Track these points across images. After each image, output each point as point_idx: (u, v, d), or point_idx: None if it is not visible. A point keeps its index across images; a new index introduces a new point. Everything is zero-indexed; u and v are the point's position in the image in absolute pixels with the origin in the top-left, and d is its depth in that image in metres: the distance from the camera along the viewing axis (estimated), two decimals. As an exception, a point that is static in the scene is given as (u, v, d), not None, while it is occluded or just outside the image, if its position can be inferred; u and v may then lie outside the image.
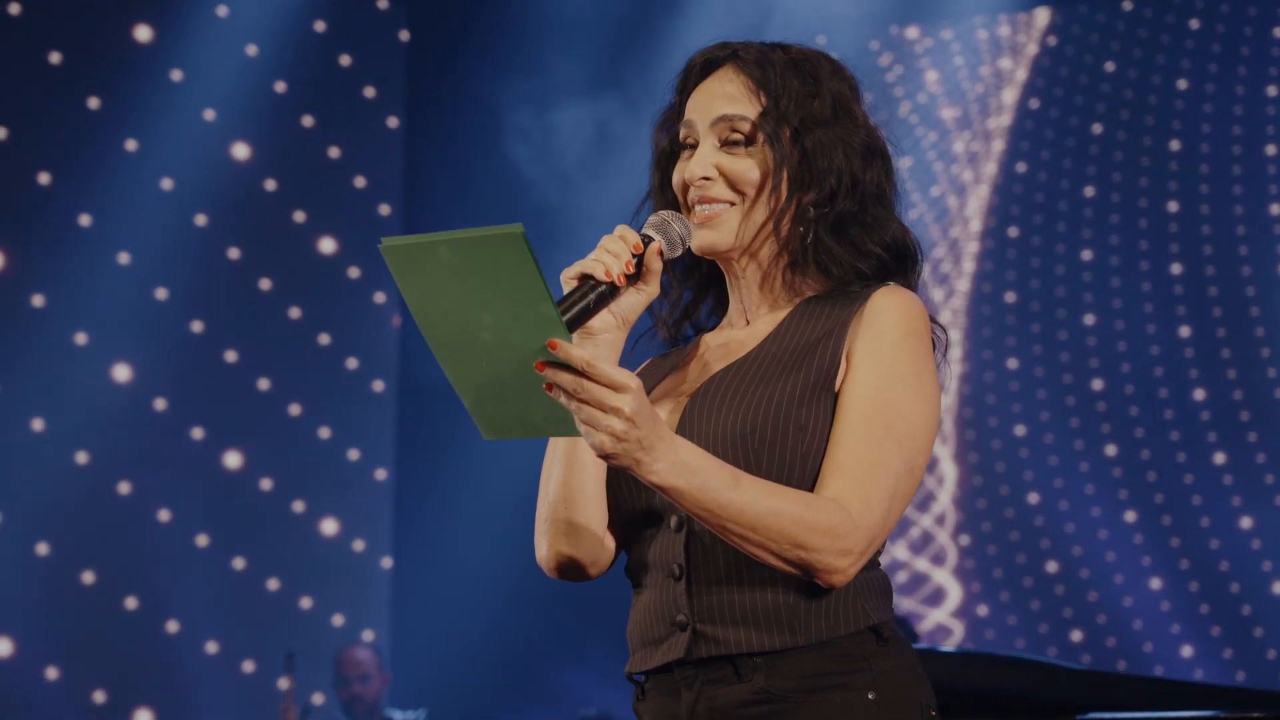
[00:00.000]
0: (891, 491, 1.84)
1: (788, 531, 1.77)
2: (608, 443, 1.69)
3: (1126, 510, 7.38)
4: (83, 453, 7.00)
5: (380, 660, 6.73)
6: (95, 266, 7.07)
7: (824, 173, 1.98)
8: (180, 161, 7.27)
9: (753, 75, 2.00)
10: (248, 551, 7.38)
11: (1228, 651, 7.15)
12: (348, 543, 7.67)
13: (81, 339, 7.04)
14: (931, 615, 7.50)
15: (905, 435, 1.86)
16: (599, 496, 1.97)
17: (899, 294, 1.95)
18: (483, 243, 1.63)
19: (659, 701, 1.93)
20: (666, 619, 1.91)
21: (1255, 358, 7.30)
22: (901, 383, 1.88)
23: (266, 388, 7.56)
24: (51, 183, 7.04)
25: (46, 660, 6.84)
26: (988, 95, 7.81)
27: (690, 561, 1.90)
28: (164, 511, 7.19)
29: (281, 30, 7.62)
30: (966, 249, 7.74)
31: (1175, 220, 7.50)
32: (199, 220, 7.39)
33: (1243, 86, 7.45)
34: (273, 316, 7.61)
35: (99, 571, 7.01)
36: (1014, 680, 3.67)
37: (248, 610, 7.33)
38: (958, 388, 7.69)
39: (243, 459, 7.42)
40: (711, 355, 2.05)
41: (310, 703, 6.65)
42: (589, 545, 1.97)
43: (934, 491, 7.60)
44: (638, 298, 1.93)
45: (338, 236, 7.79)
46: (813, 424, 1.88)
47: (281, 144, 7.62)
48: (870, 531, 1.82)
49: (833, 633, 1.86)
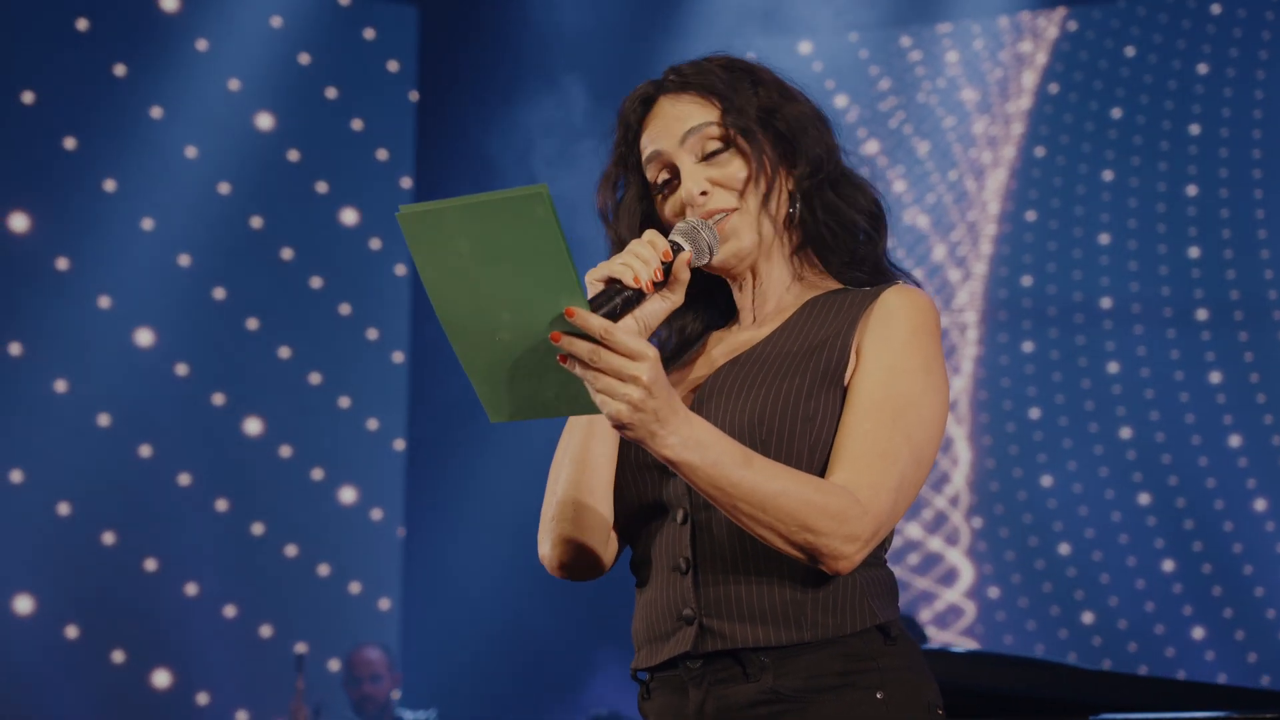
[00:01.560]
0: (899, 481, 1.84)
1: (797, 513, 1.77)
2: (624, 411, 1.68)
3: (1140, 492, 7.40)
4: (105, 415, 7.08)
5: (391, 660, 6.73)
6: (120, 232, 7.12)
7: (806, 145, 2.01)
8: (204, 130, 7.33)
9: (696, 87, 2.02)
10: (266, 517, 7.42)
11: (1239, 633, 7.17)
12: (365, 511, 7.70)
13: (105, 303, 7.11)
14: (945, 595, 7.53)
15: (914, 427, 1.87)
16: (606, 498, 1.97)
17: (910, 292, 1.96)
18: (505, 205, 1.60)
19: (666, 700, 1.93)
20: (673, 613, 1.90)
21: (1272, 340, 7.31)
22: (910, 376, 1.89)
23: (287, 356, 7.59)
24: (77, 148, 7.09)
25: (66, 619, 6.92)
26: (1008, 80, 7.83)
27: (697, 555, 1.90)
28: (184, 475, 7.26)
29: (306, 2, 7.70)
30: (984, 231, 7.76)
31: (1193, 204, 7.51)
32: (222, 189, 7.43)
33: (1264, 71, 7.46)
34: (294, 285, 7.65)
35: (119, 533, 7.08)
36: (1024, 681, 3.63)
37: (265, 575, 7.37)
38: (973, 370, 7.71)
39: (263, 426, 7.48)
40: (719, 351, 2.05)
41: (320, 703, 6.56)
42: (594, 546, 1.96)
43: (949, 473, 7.62)
44: (662, 305, 1.91)
45: (359, 207, 7.82)
46: (821, 416, 1.88)
47: (304, 115, 7.67)
48: (877, 519, 1.82)
49: (839, 630, 1.86)
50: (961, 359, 7.70)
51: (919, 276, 7.54)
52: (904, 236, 7.77)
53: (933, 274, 7.78)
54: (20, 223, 7.04)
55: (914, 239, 7.77)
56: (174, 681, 7.11)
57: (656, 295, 1.90)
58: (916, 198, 7.82)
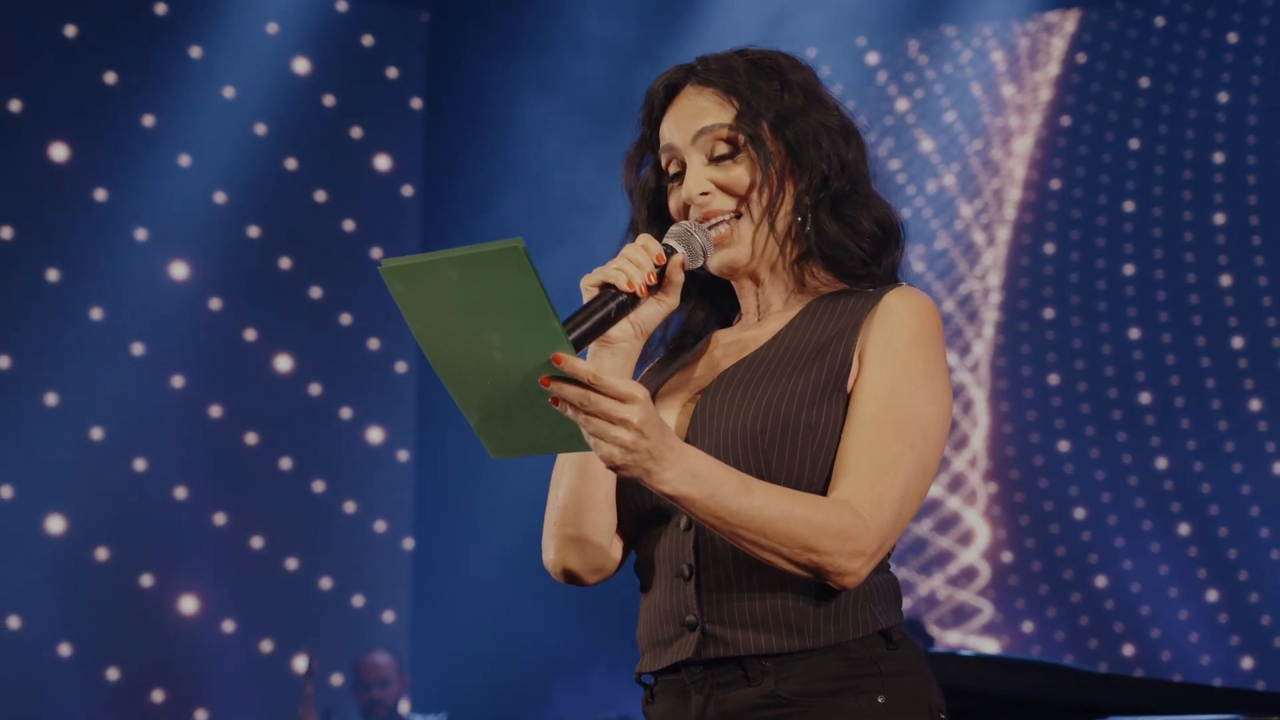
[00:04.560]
0: (903, 493, 1.85)
1: (799, 535, 1.78)
2: (617, 454, 1.69)
3: (1157, 457, 7.42)
4: (98, 429, 6.93)
5: (399, 664, 6.69)
6: (112, 242, 6.99)
7: (813, 160, 1.98)
8: (200, 139, 7.17)
9: (719, 85, 2.00)
10: (266, 531, 7.27)
11: (1254, 595, 7.14)
12: (368, 523, 7.56)
13: (98, 314, 6.98)
14: (962, 555, 7.58)
15: (917, 437, 1.87)
16: (609, 504, 1.97)
17: (911, 295, 1.95)
18: (482, 259, 1.61)
19: (668, 704, 1.94)
20: (676, 619, 1.92)
21: None
22: (913, 384, 1.88)
23: (287, 367, 7.43)
24: (69, 157, 6.98)
25: (59, 637, 6.75)
26: (1036, 48, 7.81)
27: (700, 562, 1.90)
28: (180, 489, 7.10)
29: (302, 8, 7.50)
30: (1009, 196, 7.77)
31: (1220, 171, 7.49)
32: (218, 198, 7.28)
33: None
34: (293, 296, 7.49)
35: (113, 548, 6.92)
36: (1029, 684, 3.66)
37: (267, 589, 7.23)
38: (993, 335, 7.75)
39: (261, 438, 7.32)
40: (722, 352, 2.04)
41: (329, 708, 6.54)
42: (596, 552, 1.97)
43: (968, 434, 7.68)
44: (657, 308, 1.93)
45: (359, 217, 7.63)
46: (823, 425, 1.88)
47: (303, 123, 7.49)
48: (882, 532, 1.83)
49: (841, 636, 1.87)
50: (983, 323, 7.75)
51: (944, 240, 7.67)
52: (933, 200, 7.82)
53: (958, 238, 7.82)
54: (8, 232, 6.92)
55: (943, 201, 7.81)
56: (168, 699, 6.97)
57: (651, 299, 1.91)
58: (945, 160, 7.85)
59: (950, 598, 7.50)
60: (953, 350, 7.68)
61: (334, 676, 7.22)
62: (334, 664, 7.21)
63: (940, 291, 7.74)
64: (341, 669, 7.22)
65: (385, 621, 7.55)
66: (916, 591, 7.57)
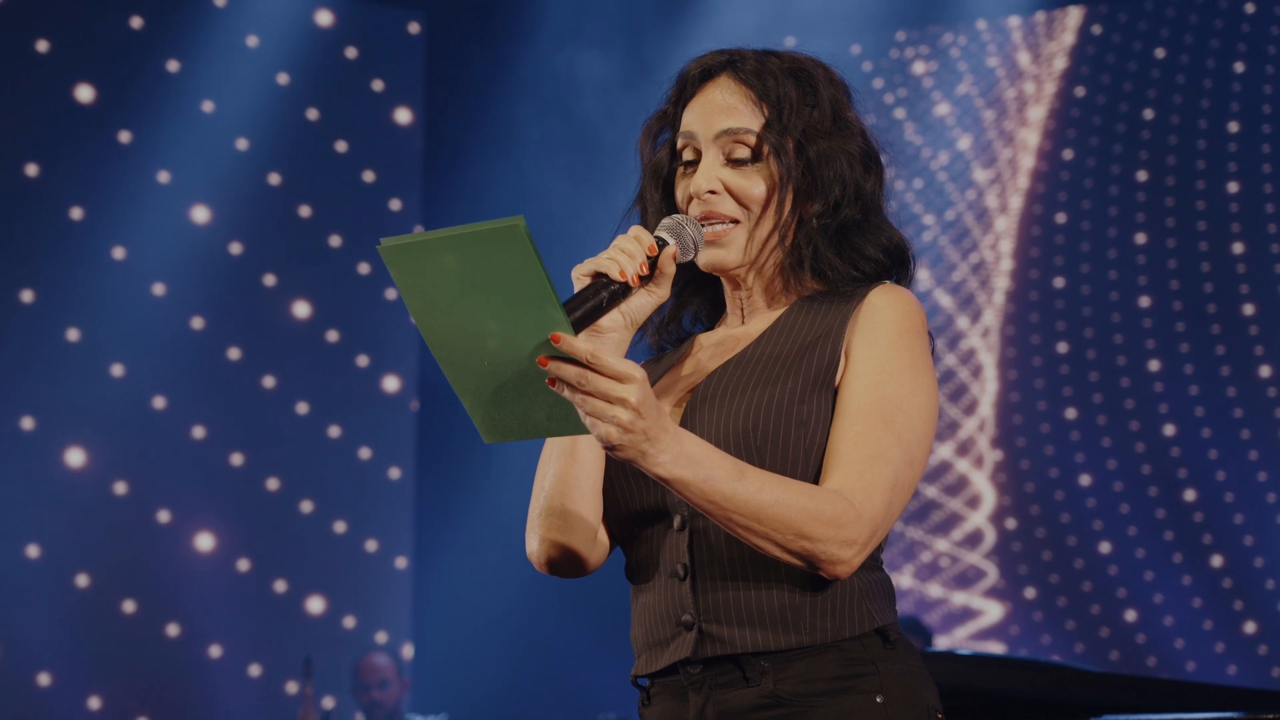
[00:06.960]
0: (893, 483, 1.85)
1: (792, 521, 1.78)
2: (614, 434, 1.69)
3: (1165, 424, 7.38)
4: (78, 451, 6.88)
5: (399, 666, 6.68)
6: (92, 264, 6.95)
7: (828, 183, 1.97)
8: (181, 155, 7.12)
9: (753, 86, 1.99)
10: (255, 553, 7.21)
11: (1258, 559, 7.16)
12: (359, 543, 7.47)
13: (74, 335, 6.93)
14: (970, 518, 7.60)
15: (904, 428, 1.88)
16: (595, 493, 1.96)
17: (895, 292, 1.96)
18: (483, 237, 1.61)
19: (666, 705, 1.93)
20: (672, 619, 1.91)
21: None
22: (899, 378, 1.90)
23: (273, 386, 7.37)
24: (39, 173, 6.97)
25: (39, 665, 6.69)
26: (1052, 18, 7.81)
27: (695, 561, 1.90)
28: (164, 512, 7.05)
29: (283, 21, 7.44)
30: (1022, 164, 7.79)
31: (1235, 140, 7.49)
32: (199, 216, 7.23)
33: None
34: (279, 313, 7.42)
35: (94, 575, 6.87)
36: (1026, 683, 3.66)
37: (255, 613, 7.16)
38: (1003, 303, 7.78)
39: (247, 458, 7.25)
40: (708, 354, 2.04)
41: (324, 708, 6.53)
42: (581, 542, 1.96)
43: (978, 399, 7.74)
44: (648, 299, 1.93)
45: (346, 232, 7.57)
46: (814, 420, 1.89)
47: (288, 139, 7.43)
48: (873, 522, 1.83)
49: (838, 634, 1.88)
50: (992, 290, 7.79)
51: (959, 207, 7.70)
52: (947, 167, 7.86)
53: (971, 205, 7.86)
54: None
55: (959, 168, 7.84)
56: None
57: (642, 290, 1.92)
58: (962, 129, 7.87)
59: (958, 560, 7.57)
60: (965, 315, 7.75)
61: (326, 700, 7.09)
62: (327, 687, 7.07)
63: (955, 257, 7.79)
64: (335, 692, 7.11)
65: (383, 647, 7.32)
66: (927, 554, 7.64)
